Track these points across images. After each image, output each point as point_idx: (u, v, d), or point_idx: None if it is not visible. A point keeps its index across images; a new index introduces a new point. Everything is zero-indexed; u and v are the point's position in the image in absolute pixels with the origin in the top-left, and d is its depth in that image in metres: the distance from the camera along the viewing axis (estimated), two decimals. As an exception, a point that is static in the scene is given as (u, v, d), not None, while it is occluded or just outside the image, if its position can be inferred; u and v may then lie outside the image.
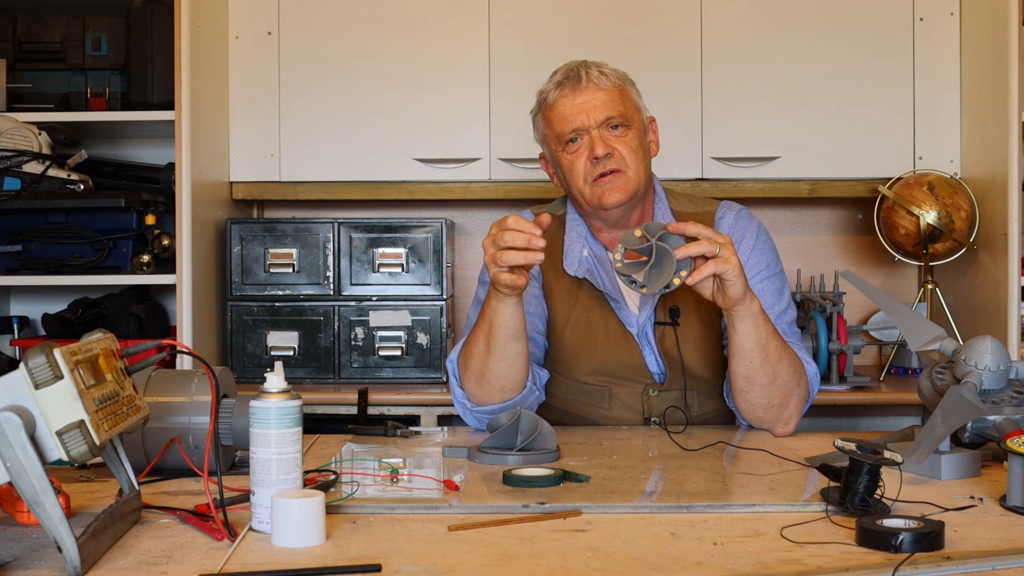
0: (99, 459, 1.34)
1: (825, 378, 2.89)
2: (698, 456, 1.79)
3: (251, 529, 1.36)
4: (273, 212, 3.50)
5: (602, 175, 2.05)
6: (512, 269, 1.82)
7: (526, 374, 1.99)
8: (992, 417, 1.61)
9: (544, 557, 1.24)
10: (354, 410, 2.90)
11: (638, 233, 1.86)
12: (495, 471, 1.66)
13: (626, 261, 1.85)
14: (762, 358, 1.91)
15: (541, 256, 1.79)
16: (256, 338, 3.08)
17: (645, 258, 1.84)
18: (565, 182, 2.13)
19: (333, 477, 1.59)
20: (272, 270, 3.09)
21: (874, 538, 1.26)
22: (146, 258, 2.97)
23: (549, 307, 2.15)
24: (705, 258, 1.82)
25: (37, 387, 1.18)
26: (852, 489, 1.39)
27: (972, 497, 1.51)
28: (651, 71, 2.16)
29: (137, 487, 1.40)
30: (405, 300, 3.08)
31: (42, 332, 3.28)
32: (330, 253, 3.08)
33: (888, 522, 1.30)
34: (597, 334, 2.12)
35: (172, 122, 2.90)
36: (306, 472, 1.55)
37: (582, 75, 2.06)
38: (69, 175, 3.00)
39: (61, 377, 1.19)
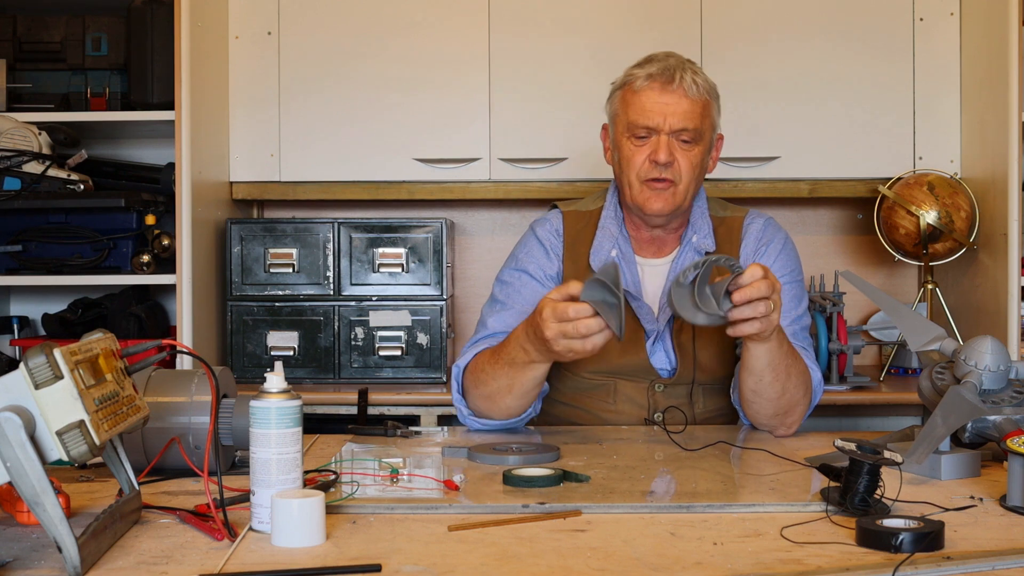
0: (99, 459, 1.34)
1: (825, 378, 2.88)
2: (698, 456, 1.79)
3: (251, 529, 1.36)
4: (273, 212, 3.50)
5: (654, 179, 2.07)
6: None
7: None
8: (992, 417, 1.61)
9: (544, 557, 1.25)
10: (354, 410, 2.90)
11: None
12: (495, 471, 1.66)
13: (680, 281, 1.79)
14: (772, 377, 1.92)
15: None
16: (256, 338, 3.08)
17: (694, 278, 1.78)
18: (617, 166, 2.14)
19: (333, 477, 1.59)
20: (272, 270, 3.09)
21: (874, 538, 1.26)
22: (146, 258, 2.97)
23: None
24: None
25: (37, 387, 1.18)
26: (852, 489, 1.39)
27: (972, 497, 1.51)
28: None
29: (137, 487, 1.40)
30: (405, 300, 3.07)
31: (42, 332, 3.28)
32: (330, 253, 3.08)
33: (888, 522, 1.30)
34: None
35: (172, 122, 2.90)
36: (306, 472, 1.55)
37: (676, 77, 2.05)
38: (69, 175, 3.00)
39: (61, 377, 1.19)
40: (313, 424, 1.84)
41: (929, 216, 2.99)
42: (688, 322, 1.80)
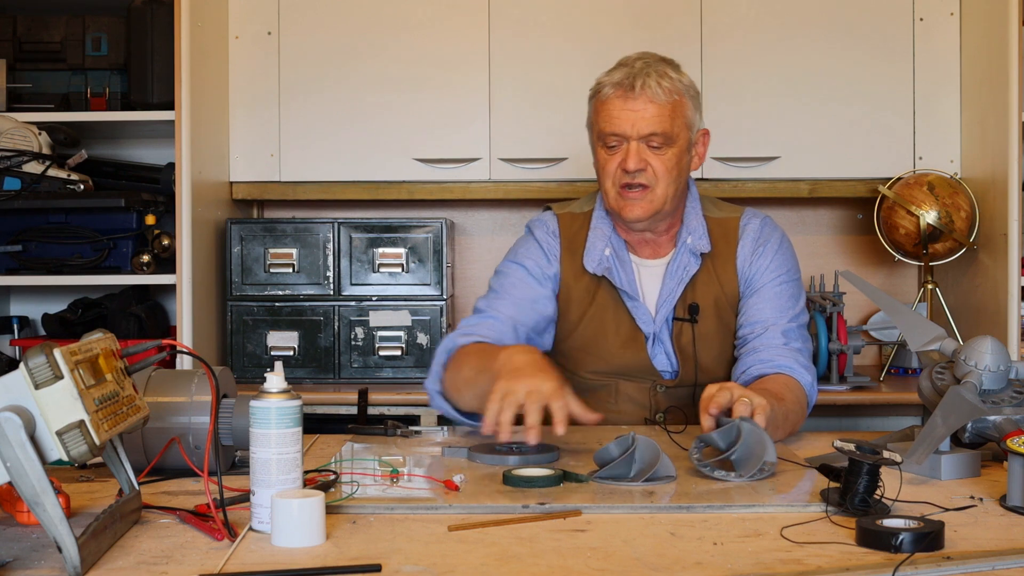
0: (99, 459, 1.34)
1: (825, 378, 2.89)
2: (698, 456, 1.78)
3: (251, 529, 1.36)
4: (273, 212, 3.50)
5: (629, 186, 2.07)
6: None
7: None
8: (992, 417, 1.61)
9: (544, 557, 1.24)
10: (354, 410, 2.90)
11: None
12: (495, 471, 1.66)
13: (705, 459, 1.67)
14: (773, 431, 1.88)
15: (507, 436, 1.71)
16: (256, 338, 3.08)
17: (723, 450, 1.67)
18: (597, 174, 2.16)
19: (333, 477, 1.59)
20: (272, 270, 3.09)
21: (874, 538, 1.26)
22: (146, 258, 2.97)
23: (566, 307, 2.18)
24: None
25: (37, 387, 1.18)
26: (852, 489, 1.39)
27: (972, 497, 1.51)
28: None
29: (137, 487, 1.40)
30: (405, 300, 3.07)
31: (42, 332, 3.28)
32: (330, 253, 3.08)
33: (888, 522, 1.30)
34: (608, 333, 2.14)
35: (172, 122, 2.90)
36: (306, 472, 1.55)
37: (637, 84, 2.05)
38: (69, 175, 3.00)
39: (61, 377, 1.19)
40: (313, 424, 1.84)
41: (929, 216, 2.99)
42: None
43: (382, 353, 3.07)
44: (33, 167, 2.96)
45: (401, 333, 3.07)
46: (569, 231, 2.21)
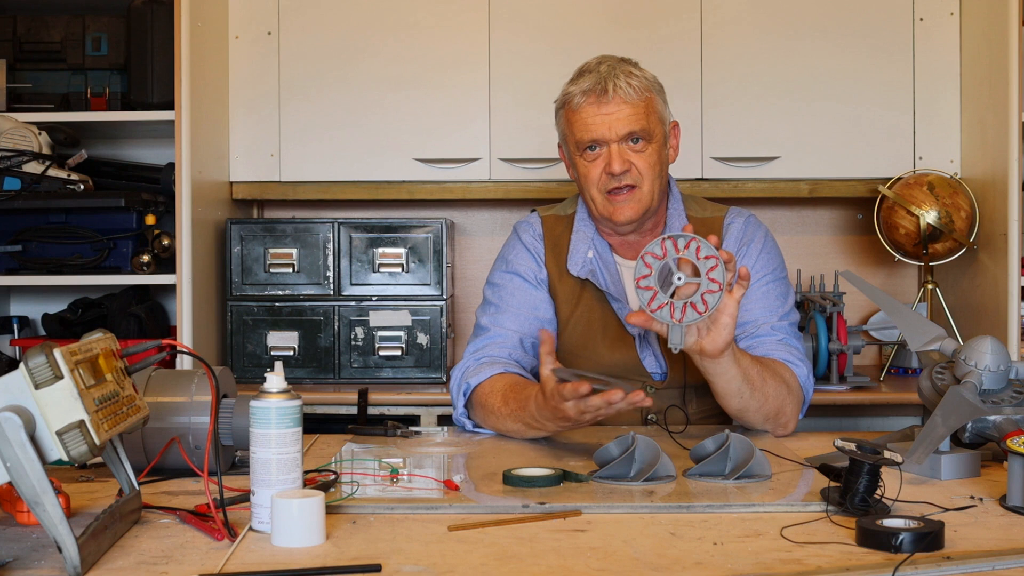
0: (99, 459, 1.34)
1: (825, 378, 2.89)
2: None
3: (251, 529, 1.36)
4: (273, 212, 3.50)
5: (616, 189, 2.06)
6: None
7: None
8: (992, 417, 1.61)
9: (544, 557, 1.25)
10: (354, 410, 2.90)
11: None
12: (495, 471, 1.66)
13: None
14: (750, 390, 1.91)
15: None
16: (256, 338, 3.08)
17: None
18: (579, 185, 2.15)
19: (333, 477, 1.59)
20: (272, 270, 3.09)
21: (874, 538, 1.26)
22: (146, 258, 2.97)
23: (554, 308, 2.16)
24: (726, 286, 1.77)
25: (37, 387, 1.18)
26: (852, 489, 1.39)
27: (972, 497, 1.51)
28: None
29: (137, 487, 1.40)
30: (405, 300, 3.07)
31: (42, 332, 3.28)
32: (330, 253, 3.08)
33: (888, 522, 1.30)
34: (596, 335, 2.13)
35: (172, 122, 2.90)
36: (306, 472, 1.55)
37: (609, 87, 2.04)
38: (69, 175, 3.00)
39: (61, 377, 1.19)
40: (313, 424, 1.84)
41: (929, 216, 2.99)
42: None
43: (382, 353, 3.07)
44: (33, 167, 2.96)
45: (401, 333, 3.07)
46: (553, 233, 2.20)
